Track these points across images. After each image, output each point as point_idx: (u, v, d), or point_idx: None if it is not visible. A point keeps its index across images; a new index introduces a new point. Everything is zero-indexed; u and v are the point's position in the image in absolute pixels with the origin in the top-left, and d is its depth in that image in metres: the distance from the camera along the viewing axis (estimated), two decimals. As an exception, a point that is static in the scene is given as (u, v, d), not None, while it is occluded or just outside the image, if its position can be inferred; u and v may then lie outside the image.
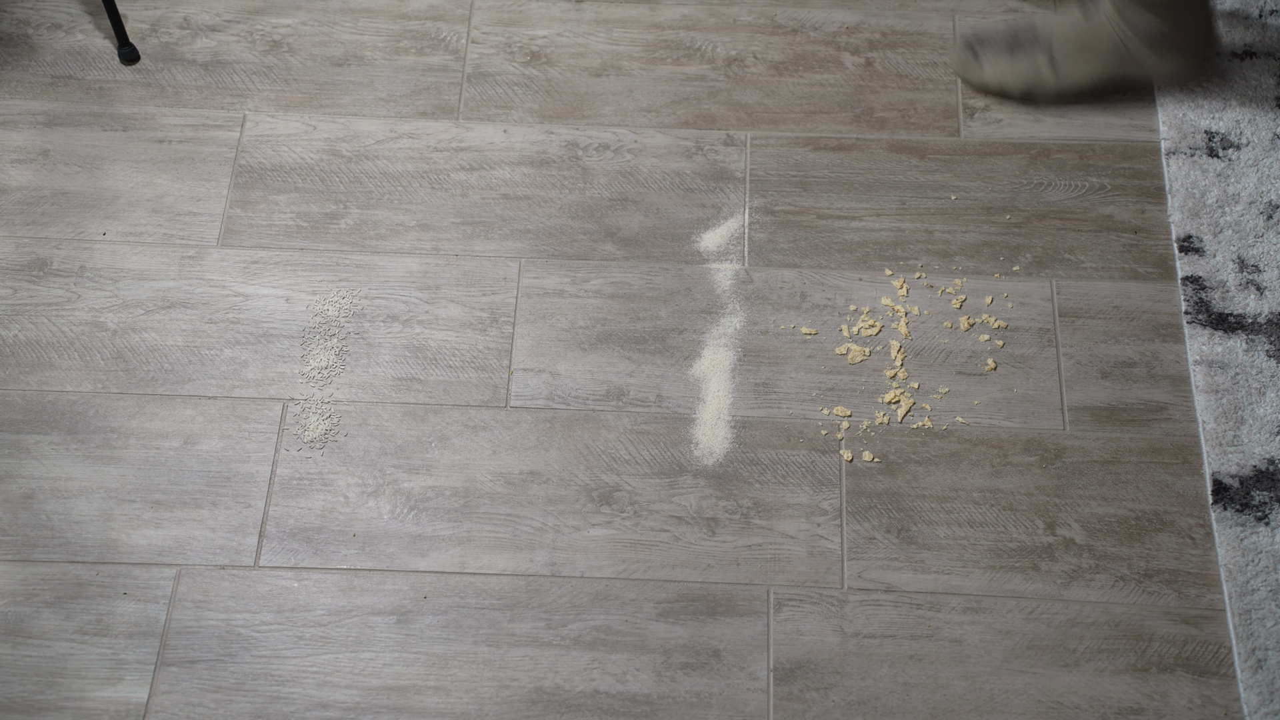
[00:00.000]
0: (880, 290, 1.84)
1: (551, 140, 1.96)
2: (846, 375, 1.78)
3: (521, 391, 1.77)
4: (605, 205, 1.91)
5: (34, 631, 1.60)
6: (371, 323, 1.82)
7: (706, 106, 2.00)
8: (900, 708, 1.56)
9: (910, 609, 1.62)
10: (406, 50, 2.05)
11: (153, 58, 2.04)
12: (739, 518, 1.68)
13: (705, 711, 1.56)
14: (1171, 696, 1.57)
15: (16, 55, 2.03)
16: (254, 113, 1.99)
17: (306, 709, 1.56)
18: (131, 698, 1.56)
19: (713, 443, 1.73)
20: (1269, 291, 1.81)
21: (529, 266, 1.86)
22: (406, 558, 1.65)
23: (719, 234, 1.88)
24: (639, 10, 2.09)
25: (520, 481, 1.70)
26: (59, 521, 1.67)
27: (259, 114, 1.99)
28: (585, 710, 1.56)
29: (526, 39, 2.06)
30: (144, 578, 1.64)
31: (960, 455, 1.72)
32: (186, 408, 1.75)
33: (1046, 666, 1.59)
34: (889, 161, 1.95)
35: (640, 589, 1.63)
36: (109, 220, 1.89)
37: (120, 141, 1.96)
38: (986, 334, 1.81)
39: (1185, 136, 1.94)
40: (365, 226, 1.89)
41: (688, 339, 1.81)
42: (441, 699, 1.57)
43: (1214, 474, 1.69)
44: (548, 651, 1.59)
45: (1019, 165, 1.94)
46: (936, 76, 2.02)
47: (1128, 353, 1.79)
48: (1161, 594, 1.63)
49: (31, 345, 1.79)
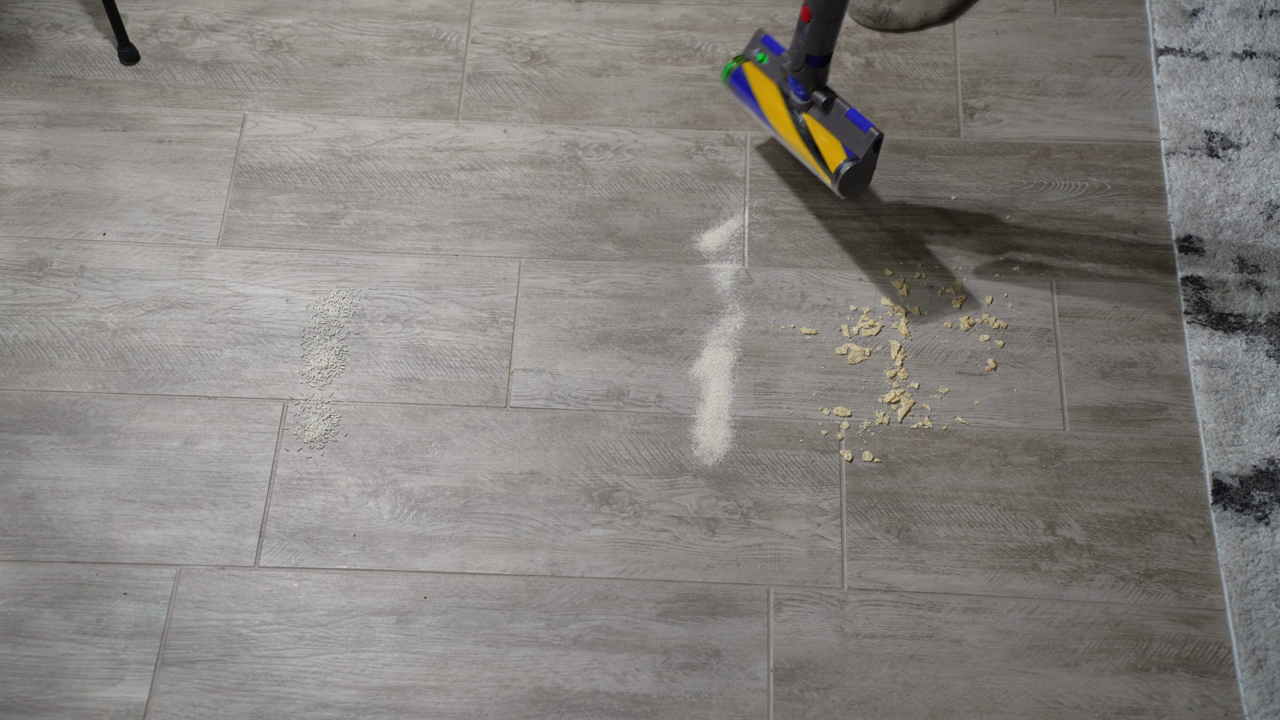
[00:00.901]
0: (880, 290, 1.84)
1: (551, 140, 1.96)
2: (846, 375, 1.78)
3: (521, 391, 1.77)
4: (605, 205, 1.91)
5: (34, 631, 1.60)
6: (371, 323, 1.82)
7: (706, 106, 2.00)
8: (900, 708, 1.56)
9: (910, 609, 1.62)
10: (406, 50, 2.05)
11: (153, 58, 2.04)
12: (739, 518, 1.68)
13: (705, 711, 1.56)
14: (1171, 696, 1.57)
15: (16, 55, 2.03)
16: (254, 113, 1.99)
17: (306, 709, 1.56)
18: (131, 698, 1.56)
19: (713, 443, 1.73)
20: (1269, 291, 1.81)
21: (529, 266, 1.86)
22: (406, 558, 1.65)
23: (719, 234, 1.88)
24: (639, 10, 2.09)
25: (520, 481, 1.70)
26: (59, 521, 1.67)
27: (259, 114, 1.99)
28: (585, 710, 1.56)
29: (526, 39, 2.06)
30: (144, 578, 1.64)
31: (960, 455, 1.72)
32: (186, 408, 1.75)
33: (1046, 666, 1.59)
34: (889, 161, 1.95)
35: (640, 589, 1.63)
36: (109, 220, 1.89)
37: (120, 141, 1.96)
38: (986, 334, 1.81)
39: (1185, 136, 1.94)
40: (365, 226, 1.89)
41: (688, 339, 1.81)
42: (441, 699, 1.57)
43: (1214, 474, 1.69)
44: (548, 651, 1.59)
45: (1019, 165, 1.94)
46: (936, 76, 2.02)
47: (1128, 353, 1.79)
48: (1161, 594, 1.63)
49: (31, 345, 1.79)
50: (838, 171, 1.74)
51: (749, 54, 1.86)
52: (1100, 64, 2.03)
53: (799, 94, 1.77)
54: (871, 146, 1.73)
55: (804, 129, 1.78)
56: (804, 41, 1.68)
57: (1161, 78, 2.00)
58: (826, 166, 1.76)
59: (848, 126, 1.75)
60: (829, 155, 1.76)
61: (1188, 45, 2.02)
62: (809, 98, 1.77)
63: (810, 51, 1.68)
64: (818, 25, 1.63)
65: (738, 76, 1.86)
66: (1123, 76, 2.02)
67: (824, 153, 1.76)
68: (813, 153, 1.78)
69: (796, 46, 1.71)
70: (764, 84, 1.84)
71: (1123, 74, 2.02)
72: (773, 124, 1.84)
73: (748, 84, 1.85)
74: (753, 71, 1.85)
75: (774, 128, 1.84)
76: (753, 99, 1.85)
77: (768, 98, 1.83)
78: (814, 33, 1.65)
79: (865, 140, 1.73)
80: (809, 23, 1.63)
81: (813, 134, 1.77)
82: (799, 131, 1.79)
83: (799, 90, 1.76)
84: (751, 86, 1.85)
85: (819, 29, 1.64)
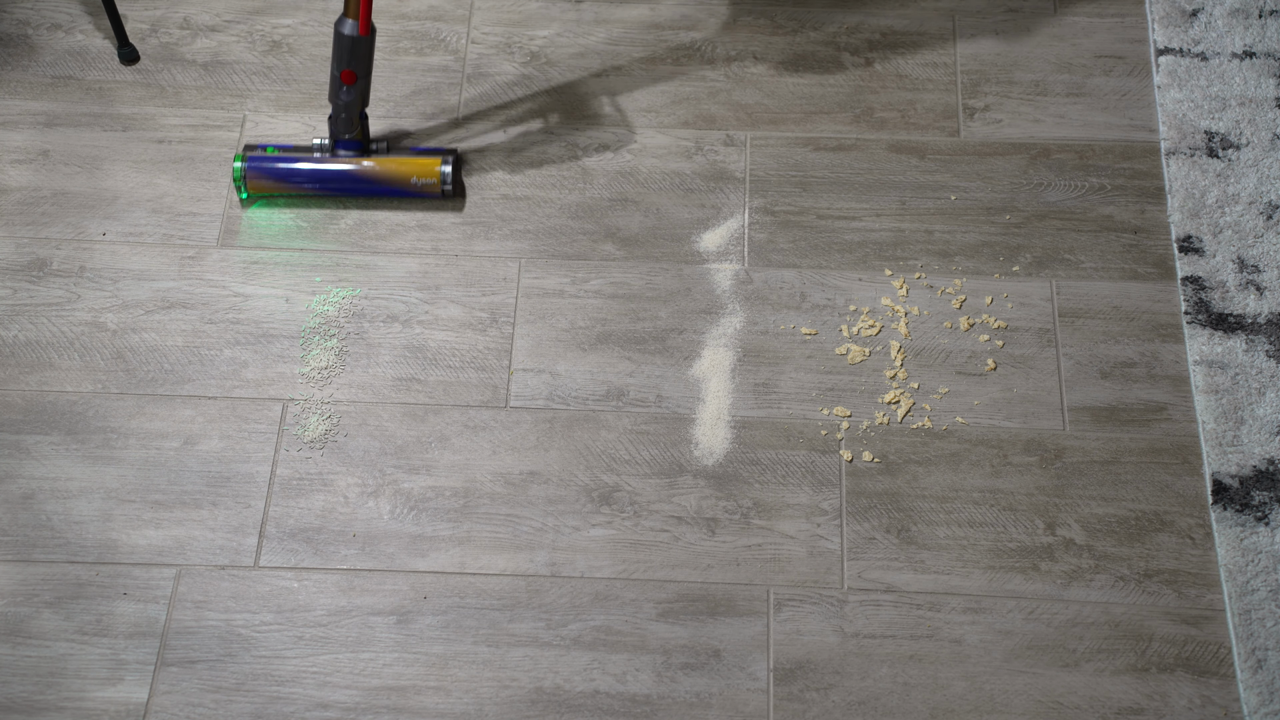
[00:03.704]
0: (880, 290, 1.84)
1: (551, 140, 1.96)
2: (846, 375, 1.78)
3: (521, 392, 1.77)
4: (605, 205, 1.91)
5: (34, 631, 1.60)
6: (371, 323, 1.82)
7: (706, 106, 2.00)
8: (900, 708, 1.56)
9: (910, 609, 1.62)
10: (406, 50, 2.05)
11: (153, 58, 2.04)
12: (739, 518, 1.68)
13: (705, 712, 1.56)
14: (1171, 696, 1.57)
15: (16, 55, 2.03)
16: (254, 113, 1.99)
17: (306, 709, 1.56)
18: (131, 698, 1.56)
19: (713, 443, 1.73)
20: (1269, 291, 1.81)
21: (529, 266, 1.86)
22: (406, 558, 1.65)
23: (719, 234, 1.88)
24: (639, 10, 2.09)
25: (520, 482, 1.70)
26: (59, 521, 1.67)
27: (259, 114, 1.98)
28: (585, 710, 1.56)
29: (526, 39, 2.06)
30: (144, 578, 1.64)
31: (960, 455, 1.72)
32: (186, 408, 1.75)
33: (1046, 666, 1.59)
34: (889, 161, 1.95)
35: (640, 589, 1.63)
36: (109, 220, 1.89)
37: (120, 141, 1.96)
38: (986, 334, 1.81)
39: (1185, 136, 1.94)
40: (365, 226, 1.89)
41: (688, 339, 1.81)
42: (441, 699, 1.57)
43: (1214, 474, 1.69)
44: (548, 651, 1.59)
45: (1019, 165, 1.94)
46: (936, 76, 2.02)
47: (1128, 353, 1.79)
48: (1161, 594, 1.63)
49: (31, 345, 1.79)
50: (443, 174, 1.86)
51: (251, 153, 1.89)
52: (1100, 64, 2.03)
53: (355, 149, 1.86)
54: (455, 159, 1.87)
55: (376, 166, 1.87)
56: (355, 100, 1.80)
57: (1161, 78, 2.00)
58: (424, 178, 1.86)
59: (420, 154, 1.88)
60: (420, 169, 1.86)
61: (1188, 45, 2.02)
62: (367, 148, 1.87)
63: (363, 108, 1.82)
64: (364, 81, 1.78)
65: (257, 160, 1.87)
66: (1123, 76, 2.02)
67: (413, 167, 1.87)
68: (398, 174, 1.86)
69: (345, 111, 1.82)
70: (297, 161, 1.88)
71: (1123, 74, 2.02)
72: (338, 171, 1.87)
73: (278, 158, 1.88)
74: (271, 157, 1.88)
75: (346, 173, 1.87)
76: (291, 160, 1.87)
77: (310, 165, 1.88)
78: (363, 89, 1.79)
79: (448, 152, 1.87)
80: (356, 83, 1.77)
81: (391, 164, 1.87)
82: (372, 169, 1.87)
83: (355, 146, 1.86)
84: (280, 164, 1.88)
85: (365, 84, 1.79)
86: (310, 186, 1.87)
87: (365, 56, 1.77)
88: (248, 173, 1.87)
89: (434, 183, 1.86)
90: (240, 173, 1.87)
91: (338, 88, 1.79)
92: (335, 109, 1.82)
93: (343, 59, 1.76)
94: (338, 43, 1.76)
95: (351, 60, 1.76)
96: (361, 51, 1.76)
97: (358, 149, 1.86)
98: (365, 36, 1.75)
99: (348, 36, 1.75)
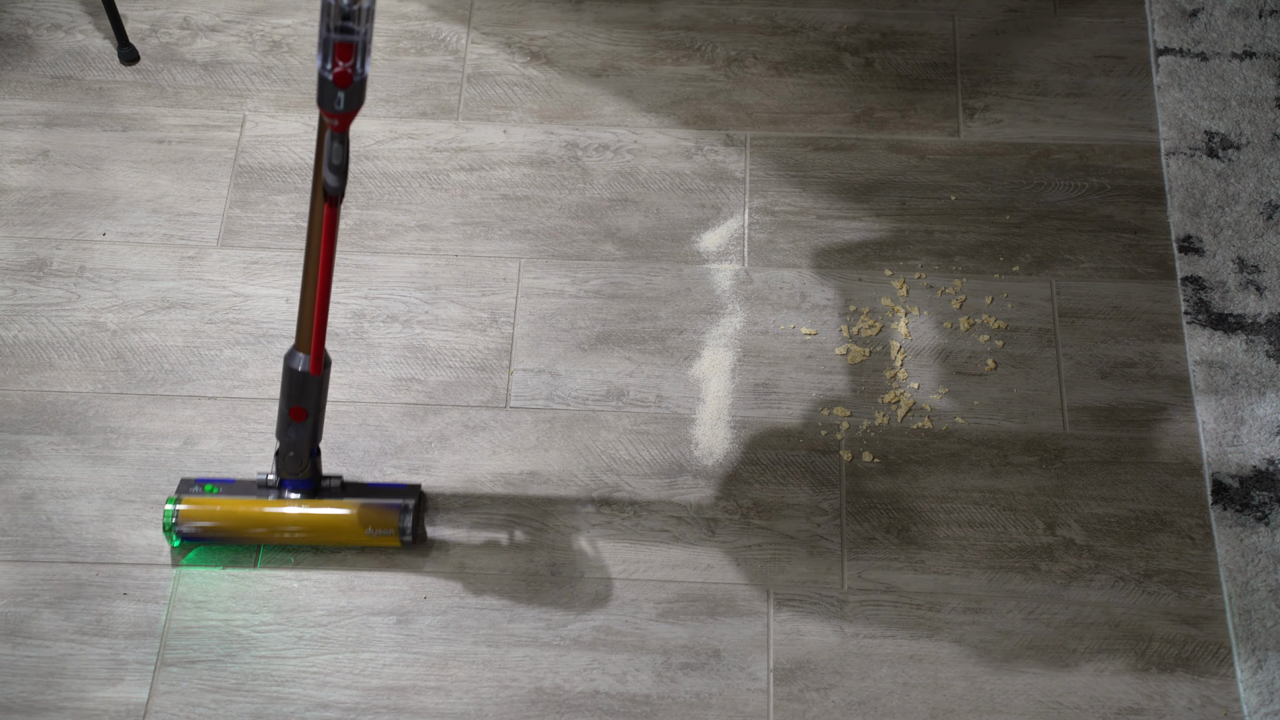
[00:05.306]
0: (880, 290, 1.84)
1: (551, 140, 1.97)
2: (846, 375, 1.78)
3: (521, 392, 1.77)
4: (605, 205, 1.91)
5: (34, 631, 1.60)
6: (371, 323, 1.82)
7: (706, 106, 2.00)
8: (900, 708, 1.56)
9: (910, 609, 1.62)
10: (406, 50, 2.05)
11: (153, 58, 2.04)
12: (739, 518, 1.68)
13: (705, 712, 1.56)
14: (1171, 696, 1.57)
15: (16, 55, 2.03)
16: (254, 113, 1.99)
17: (306, 709, 1.56)
18: (131, 698, 1.56)
19: (713, 443, 1.73)
20: (1269, 291, 1.81)
21: (529, 267, 1.86)
22: (406, 558, 1.65)
23: (719, 234, 1.88)
24: (639, 10, 2.09)
25: (520, 482, 1.70)
26: (59, 521, 1.67)
27: (259, 114, 1.99)
28: (585, 710, 1.56)
29: (526, 39, 2.06)
30: (144, 578, 1.64)
31: (960, 455, 1.72)
32: (186, 408, 1.75)
33: (1046, 666, 1.59)
34: (889, 161, 1.95)
35: (640, 589, 1.63)
36: (109, 220, 1.89)
37: (120, 142, 1.96)
38: (986, 334, 1.81)
39: (1185, 136, 1.94)
40: (365, 226, 1.89)
41: (687, 339, 1.81)
42: (441, 699, 1.57)
43: (1214, 474, 1.69)
44: (548, 651, 1.59)
45: (1019, 165, 1.94)
46: (936, 76, 2.02)
47: (1128, 353, 1.79)
48: (1161, 594, 1.63)
49: (31, 345, 1.79)
50: (401, 528, 1.62)
51: (187, 491, 1.65)
52: (1100, 64, 2.03)
53: (307, 489, 1.64)
54: (418, 496, 1.65)
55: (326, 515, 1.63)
56: (304, 439, 1.58)
57: (1161, 78, 2.00)
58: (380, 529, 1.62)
59: (379, 491, 1.65)
60: (376, 519, 1.62)
61: (1188, 45, 2.02)
62: (319, 486, 1.64)
63: (315, 445, 1.60)
64: (318, 416, 1.57)
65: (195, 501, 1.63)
66: (1123, 77, 2.02)
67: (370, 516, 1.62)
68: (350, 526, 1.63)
69: (293, 449, 1.59)
70: (236, 504, 1.62)
71: (1123, 74, 2.02)
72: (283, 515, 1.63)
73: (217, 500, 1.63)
74: (210, 501, 1.63)
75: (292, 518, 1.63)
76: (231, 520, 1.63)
77: (253, 510, 1.63)
78: (316, 424, 1.58)
79: (409, 492, 1.64)
80: (306, 420, 1.56)
81: (343, 516, 1.62)
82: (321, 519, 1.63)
83: (307, 485, 1.63)
84: (220, 516, 1.62)
85: (317, 419, 1.58)
86: (254, 532, 1.63)
87: (316, 394, 1.55)
88: (180, 517, 1.62)
89: (391, 533, 1.62)
90: (171, 517, 1.61)
91: (285, 424, 1.57)
92: (283, 446, 1.59)
93: (292, 395, 1.55)
94: (287, 377, 1.54)
95: (301, 398, 1.54)
96: (312, 390, 1.55)
97: (308, 488, 1.63)
98: (317, 376, 1.54)
99: (299, 374, 1.53)
